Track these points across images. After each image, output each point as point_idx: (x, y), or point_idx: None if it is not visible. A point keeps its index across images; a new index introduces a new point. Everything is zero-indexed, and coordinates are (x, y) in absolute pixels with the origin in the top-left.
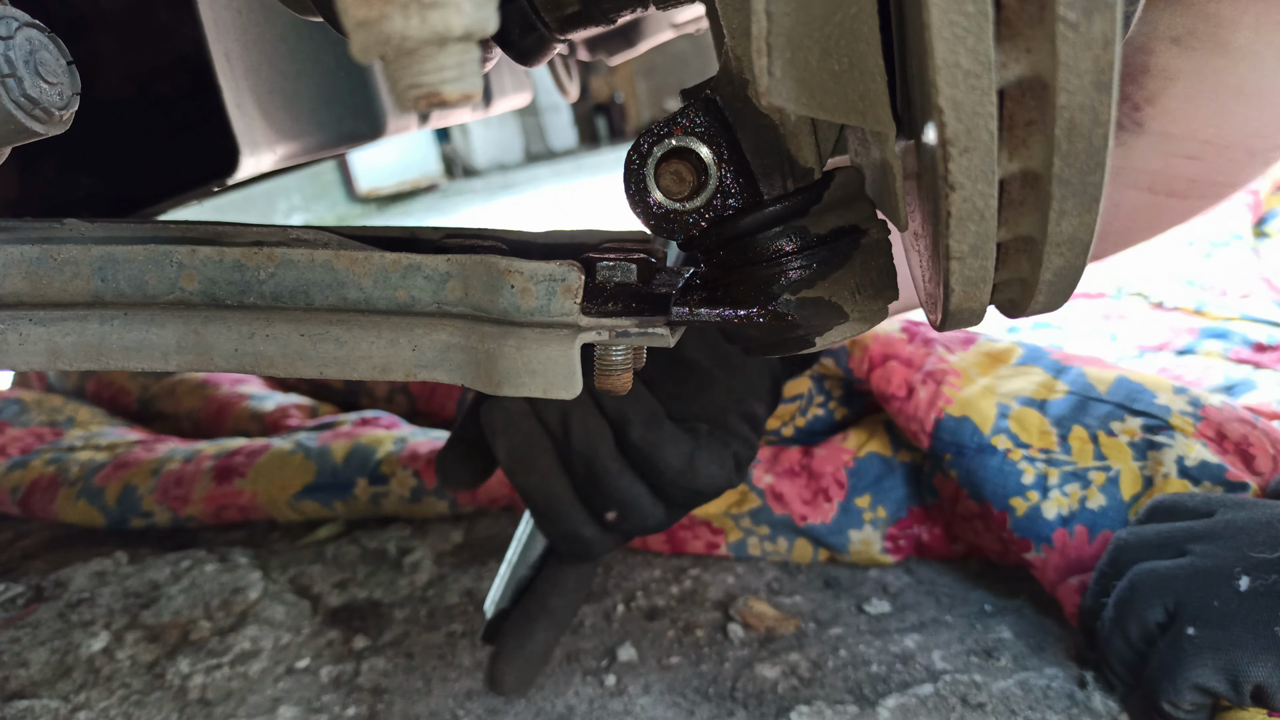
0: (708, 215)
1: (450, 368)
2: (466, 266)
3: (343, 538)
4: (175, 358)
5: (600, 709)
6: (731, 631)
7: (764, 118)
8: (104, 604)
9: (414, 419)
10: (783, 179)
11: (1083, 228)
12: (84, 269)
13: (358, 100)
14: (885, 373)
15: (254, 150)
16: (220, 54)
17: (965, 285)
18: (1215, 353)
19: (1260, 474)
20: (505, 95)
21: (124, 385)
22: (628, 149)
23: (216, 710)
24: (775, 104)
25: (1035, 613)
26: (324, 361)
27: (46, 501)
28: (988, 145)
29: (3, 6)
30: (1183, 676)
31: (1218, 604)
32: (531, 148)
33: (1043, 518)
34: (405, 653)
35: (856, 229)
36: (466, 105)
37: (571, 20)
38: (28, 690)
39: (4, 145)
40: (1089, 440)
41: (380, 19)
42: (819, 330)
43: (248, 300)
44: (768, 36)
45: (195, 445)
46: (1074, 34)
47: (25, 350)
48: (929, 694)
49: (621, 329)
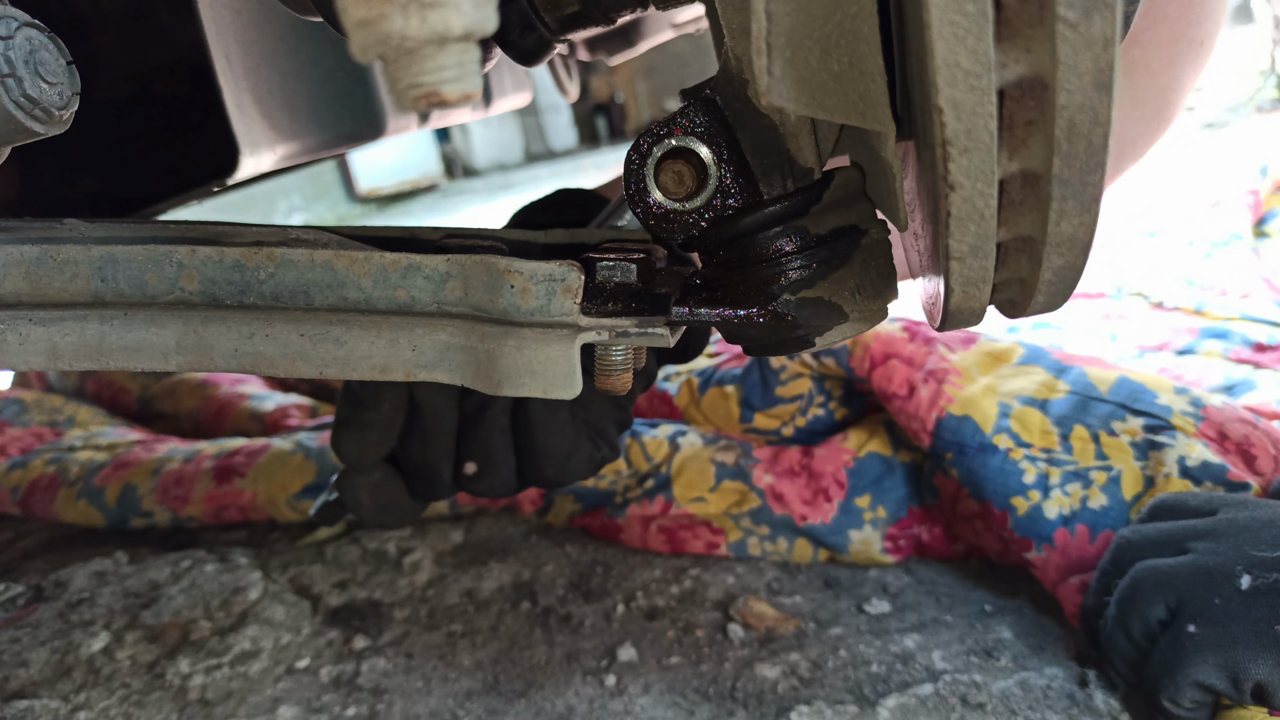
0: (708, 215)
1: (450, 368)
2: (466, 266)
3: (343, 538)
4: (175, 358)
5: (600, 709)
6: (731, 631)
7: (764, 118)
8: (104, 604)
9: None
10: (783, 179)
11: (1083, 228)
12: (84, 269)
13: (358, 100)
14: (886, 371)
15: (254, 150)
16: (220, 54)
17: (965, 285)
18: (1215, 353)
19: (1261, 474)
20: (505, 95)
21: (124, 385)
22: (628, 149)
23: (216, 710)
24: (775, 104)
25: (1035, 613)
26: (324, 361)
27: (46, 501)
28: (988, 145)
29: (3, 6)
30: (1184, 674)
31: (1219, 602)
32: (531, 148)
33: (1044, 517)
34: (405, 653)
35: (856, 229)
36: (466, 105)
37: (571, 20)
38: (28, 690)
39: (4, 145)
40: (1090, 440)
41: (380, 19)
42: (819, 330)
43: (248, 300)
44: (768, 36)
45: (195, 445)
46: (1074, 34)
47: (25, 350)
48: (929, 694)
49: (621, 329)
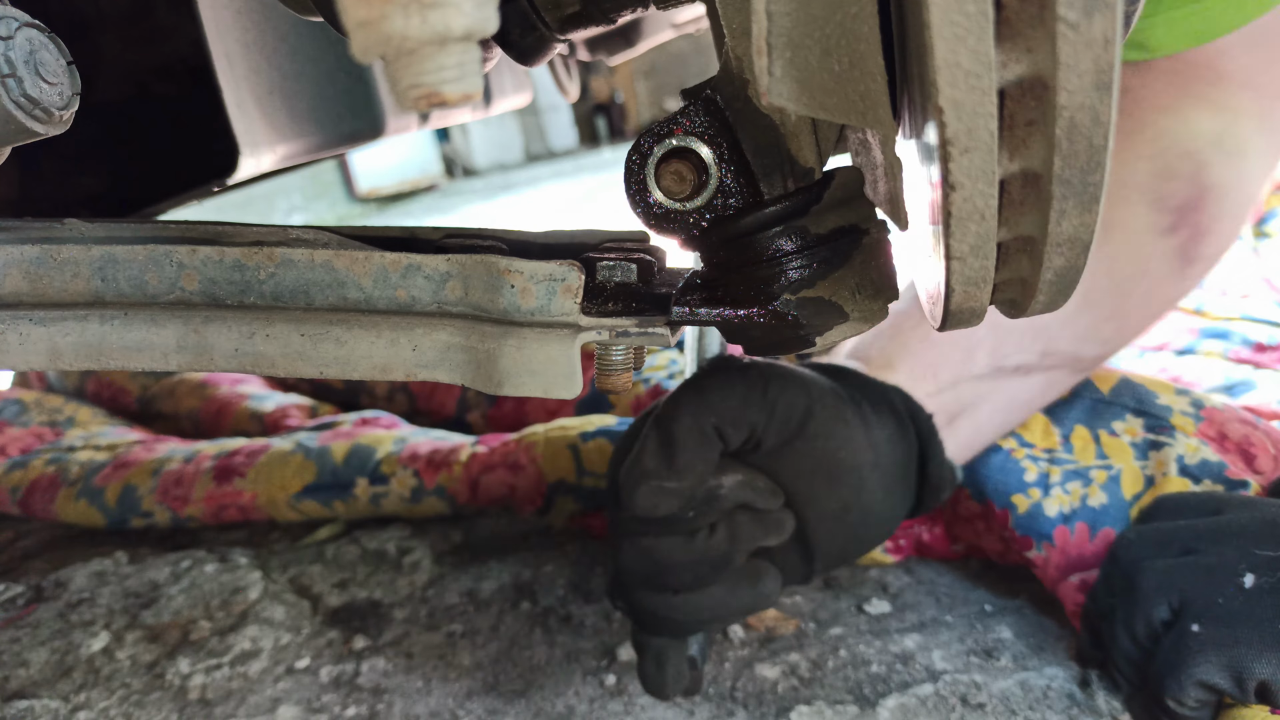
0: (708, 215)
1: (450, 367)
2: (466, 266)
3: (343, 538)
4: (175, 358)
5: (600, 709)
6: (731, 631)
7: (764, 118)
8: (104, 604)
9: (414, 419)
10: (783, 179)
11: (1083, 228)
12: (84, 269)
13: (358, 100)
14: None
15: (254, 150)
16: (220, 54)
17: (966, 285)
18: (1215, 353)
19: (1261, 473)
20: (505, 95)
21: (124, 385)
22: (628, 149)
23: (216, 710)
24: (775, 104)
25: (1035, 613)
26: (324, 361)
27: (46, 501)
28: (988, 145)
29: (3, 6)
30: (1187, 673)
31: (1222, 601)
32: (531, 148)
33: (1044, 515)
34: (405, 653)
35: (857, 229)
36: (467, 105)
37: (572, 20)
38: (28, 690)
39: (4, 145)
40: (1091, 440)
41: (381, 19)
42: (819, 330)
43: (248, 300)
44: (768, 36)
45: (195, 445)
46: (1074, 34)
47: (25, 350)
48: (929, 694)
49: (622, 329)
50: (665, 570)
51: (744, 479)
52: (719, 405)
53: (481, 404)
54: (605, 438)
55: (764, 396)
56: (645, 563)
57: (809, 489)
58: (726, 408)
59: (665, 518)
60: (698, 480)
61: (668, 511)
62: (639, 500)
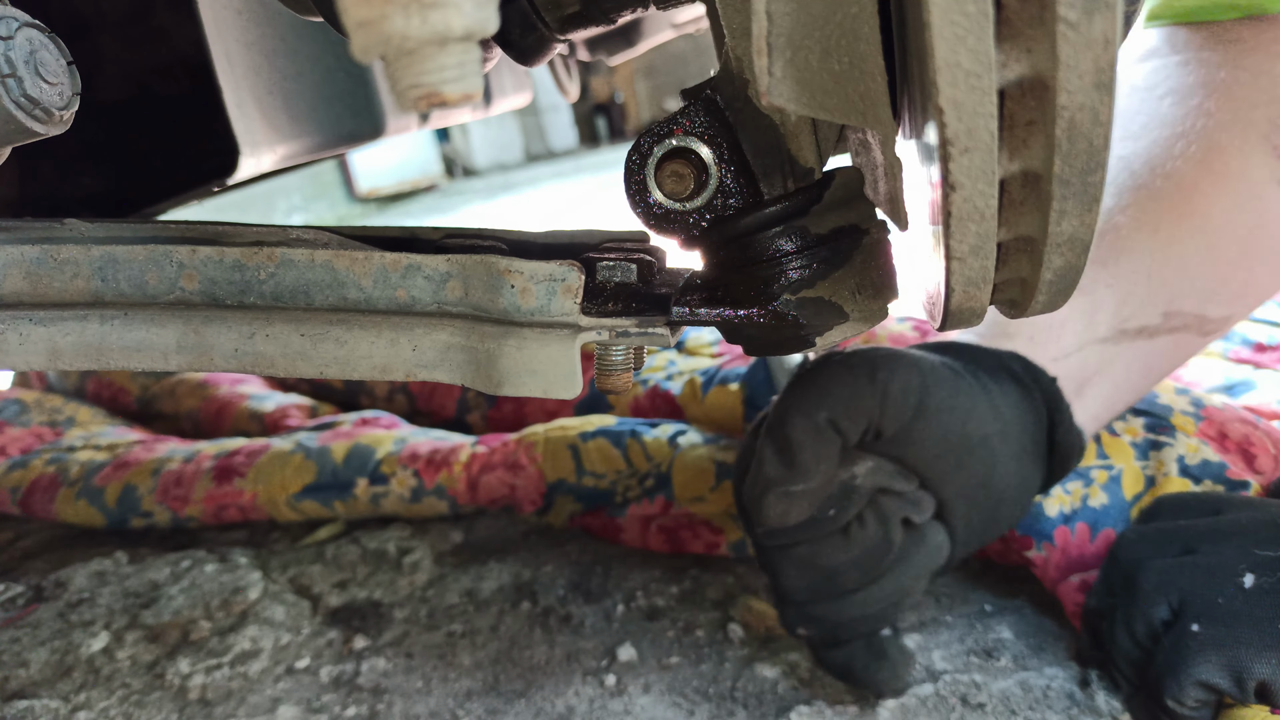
0: (708, 215)
1: (450, 368)
2: (466, 266)
3: (343, 538)
4: (175, 358)
5: (600, 709)
6: (731, 631)
7: (764, 118)
8: (104, 604)
9: (414, 419)
10: (783, 179)
11: (1083, 228)
12: (84, 269)
13: (358, 100)
14: None
15: (254, 150)
16: (220, 54)
17: (966, 285)
18: (1215, 353)
19: (1261, 473)
20: (505, 95)
21: (124, 385)
22: (628, 149)
23: (216, 710)
24: (775, 104)
25: (1035, 613)
26: (324, 361)
27: (46, 501)
28: (988, 145)
29: (3, 6)
30: (1187, 673)
31: (1223, 601)
32: (531, 148)
33: (1044, 515)
34: (405, 653)
35: (857, 229)
36: (467, 105)
37: (572, 20)
38: (28, 690)
39: (4, 145)
40: (1092, 440)
41: (381, 19)
42: (819, 330)
43: (248, 300)
44: (768, 36)
45: (195, 445)
46: (1074, 34)
47: (25, 350)
48: (929, 694)
49: (622, 329)
50: (832, 574)
51: (875, 464)
52: (828, 398)
53: (481, 405)
54: (605, 438)
55: (872, 382)
56: (809, 574)
57: (941, 469)
58: (837, 399)
59: (809, 521)
60: (824, 479)
61: (800, 517)
62: (768, 510)
